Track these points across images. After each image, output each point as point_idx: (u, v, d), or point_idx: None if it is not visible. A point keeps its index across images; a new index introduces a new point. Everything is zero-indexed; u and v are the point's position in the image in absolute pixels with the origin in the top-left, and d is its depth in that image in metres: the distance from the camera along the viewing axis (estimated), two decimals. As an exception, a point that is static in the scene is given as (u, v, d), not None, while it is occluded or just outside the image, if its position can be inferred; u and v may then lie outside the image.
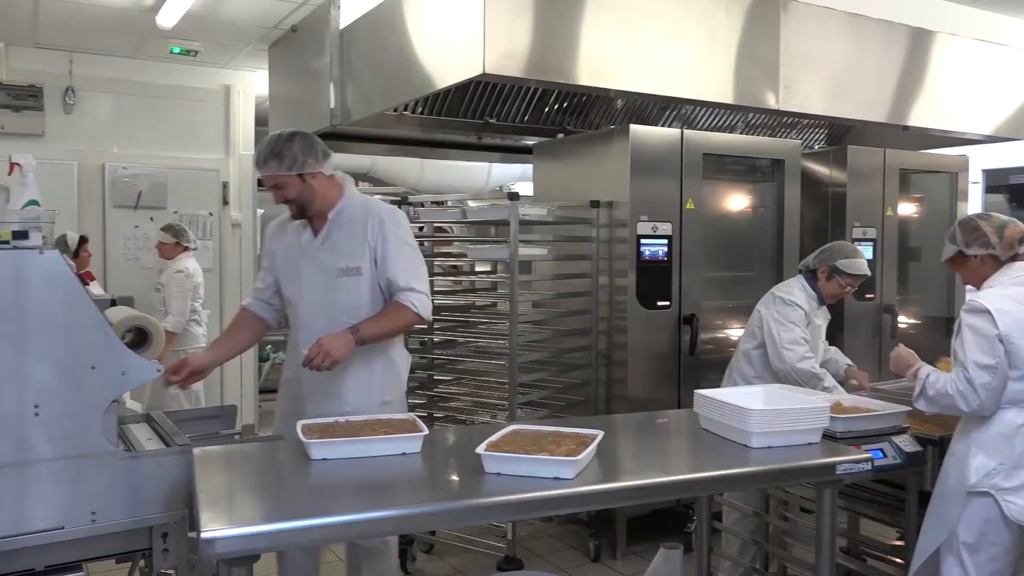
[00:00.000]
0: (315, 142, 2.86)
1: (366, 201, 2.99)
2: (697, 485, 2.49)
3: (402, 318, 2.87)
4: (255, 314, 3.08)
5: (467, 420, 4.31)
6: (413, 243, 2.97)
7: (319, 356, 2.68)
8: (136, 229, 6.45)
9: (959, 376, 2.55)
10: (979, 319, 2.56)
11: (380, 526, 2.03)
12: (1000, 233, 2.71)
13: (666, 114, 5.03)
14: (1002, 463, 2.54)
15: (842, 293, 3.73)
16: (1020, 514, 2.51)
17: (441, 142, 5.67)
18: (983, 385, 2.51)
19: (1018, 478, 2.52)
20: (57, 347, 2.18)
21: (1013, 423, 2.55)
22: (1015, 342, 2.52)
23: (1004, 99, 5.57)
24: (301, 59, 5.34)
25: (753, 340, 3.75)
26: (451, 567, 4.17)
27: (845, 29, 4.79)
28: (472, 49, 3.62)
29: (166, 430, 2.61)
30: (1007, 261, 2.72)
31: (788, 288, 3.74)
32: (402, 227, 2.93)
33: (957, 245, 2.79)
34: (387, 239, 2.88)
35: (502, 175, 9.24)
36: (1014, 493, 2.52)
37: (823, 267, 3.70)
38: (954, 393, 2.54)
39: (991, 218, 2.79)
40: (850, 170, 5.13)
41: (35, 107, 6.11)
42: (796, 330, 3.58)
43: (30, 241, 2.19)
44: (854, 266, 3.67)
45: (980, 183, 7.29)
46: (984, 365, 2.51)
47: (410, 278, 2.89)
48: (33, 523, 2.15)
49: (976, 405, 2.52)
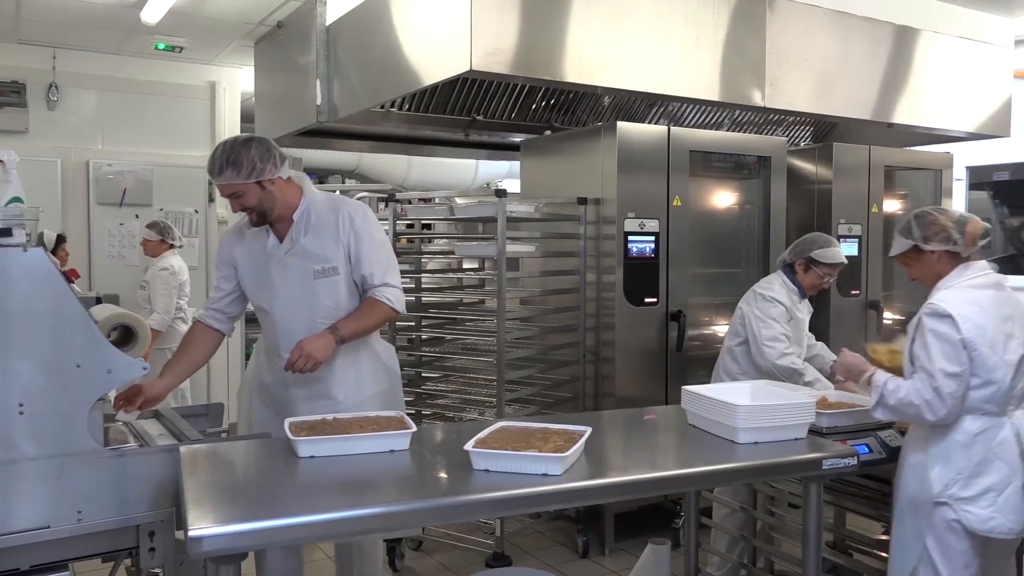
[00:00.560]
0: (271, 147, 2.79)
1: (330, 199, 2.96)
2: (684, 481, 2.50)
3: (379, 314, 2.88)
4: (208, 326, 3.00)
5: (455, 417, 4.31)
6: (383, 237, 2.98)
7: (301, 359, 2.67)
8: (121, 227, 6.41)
9: (925, 385, 2.46)
10: (942, 324, 2.48)
11: (368, 523, 2.02)
12: (962, 228, 2.61)
13: (653, 111, 5.04)
14: (959, 473, 2.49)
15: (822, 284, 3.75)
16: (978, 523, 2.48)
17: (428, 139, 5.66)
18: (950, 394, 2.44)
19: (975, 487, 2.49)
20: (42, 345, 2.17)
21: (970, 432, 2.50)
22: (978, 349, 2.46)
23: (987, 97, 5.61)
24: (287, 55, 5.31)
25: (736, 337, 3.78)
26: (440, 564, 4.17)
27: (830, 26, 4.81)
28: (459, 46, 3.61)
29: (179, 427, 2.65)
30: (966, 259, 2.64)
31: (768, 284, 3.77)
32: (371, 222, 2.92)
33: (913, 240, 2.67)
34: (360, 236, 2.86)
35: (489, 172, 9.24)
36: (971, 502, 2.48)
37: (799, 259, 3.73)
38: (920, 403, 2.46)
39: (947, 212, 2.68)
40: (835, 167, 5.16)
41: (18, 103, 6.05)
42: (776, 326, 3.61)
43: (14, 238, 2.18)
44: (829, 255, 3.69)
45: (964, 180, 7.35)
46: (951, 373, 2.44)
47: (384, 274, 2.89)
48: (18, 522, 2.14)
49: (943, 415, 2.46)
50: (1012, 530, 2.51)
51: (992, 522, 2.48)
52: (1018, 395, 2.55)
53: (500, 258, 3.89)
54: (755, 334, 3.62)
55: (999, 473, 2.49)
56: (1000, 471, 2.49)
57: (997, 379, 2.48)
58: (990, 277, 2.63)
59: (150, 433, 2.64)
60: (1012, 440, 2.51)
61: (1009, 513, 2.49)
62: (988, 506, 2.48)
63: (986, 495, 2.48)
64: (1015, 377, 2.51)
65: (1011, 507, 2.49)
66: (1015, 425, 2.52)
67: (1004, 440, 2.50)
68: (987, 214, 7.78)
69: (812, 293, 3.81)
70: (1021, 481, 2.51)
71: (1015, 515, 2.50)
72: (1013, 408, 2.55)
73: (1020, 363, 2.52)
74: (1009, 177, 7.49)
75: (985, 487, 2.49)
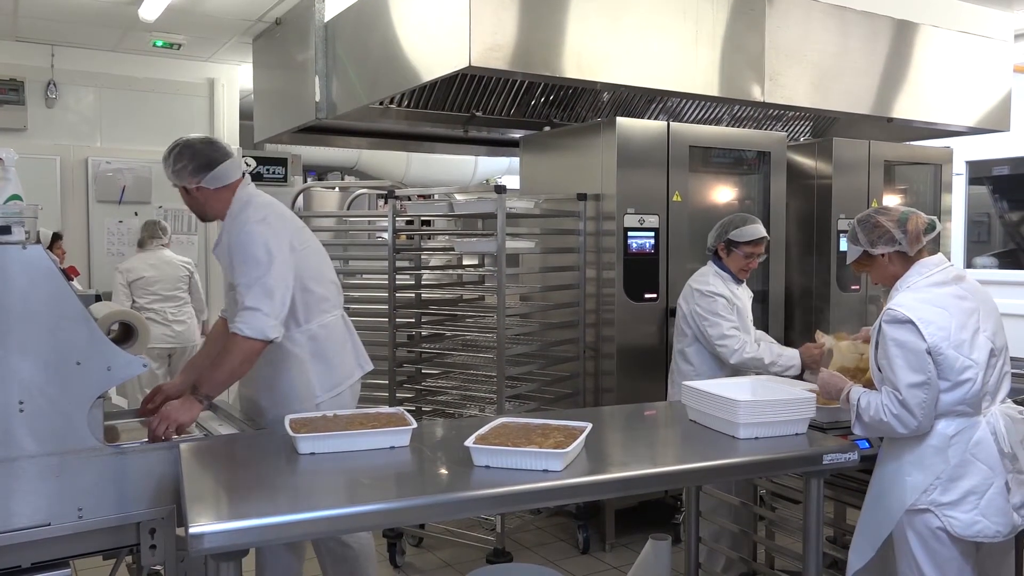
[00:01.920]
0: (194, 156, 2.73)
1: (243, 205, 2.78)
2: (685, 476, 2.50)
3: (238, 352, 2.59)
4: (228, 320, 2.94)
5: (455, 413, 4.31)
6: (258, 244, 2.66)
7: (161, 425, 2.51)
8: (120, 224, 6.41)
9: (891, 400, 2.39)
10: (903, 332, 2.39)
11: (369, 520, 2.03)
12: (903, 227, 2.53)
13: (652, 107, 5.03)
14: (938, 478, 2.41)
15: (748, 264, 3.65)
16: (963, 528, 2.39)
17: (427, 135, 5.65)
18: (918, 404, 2.36)
19: (955, 491, 2.40)
20: (41, 343, 2.17)
21: (944, 435, 2.42)
22: (944, 352, 2.37)
23: (987, 91, 5.61)
24: (286, 52, 5.31)
25: (684, 338, 3.68)
26: (440, 560, 4.18)
27: (830, 21, 4.81)
28: (458, 42, 3.61)
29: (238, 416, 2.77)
30: (916, 256, 2.55)
31: (703, 277, 3.66)
32: (247, 226, 2.69)
33: (861, 246, 2.60)
34: (232, 245, 2.71)
35: (488, 168, 9.24)
36: (953, 507, 2.40)
37: (719, 244, 3.67)
38: (889, 419, 2.39)
39: (889, 211, 2.60)
40: (835, 162, 5.15)
41: (16, 101, 6.06)
42: (722, 323, 3.52)
43: (13, 236, 2.18)
44: (745, 233, 3.61)
45: (964, 175, 7.35)
46: (916, 384, 2.36)
47: (246, 293, 2.61)
48: (19, 520, 2.14)
49: (915, 426, 2.38)
50: (999, 532, 2.41)
51: (977, 526, 2.39)
52: (992, 390, 2.46)
53: (500, 254, 3.89)
54: (706, 336, 3.55)
55: (979, 475, 2.40)
56: (980, 472, 2.41)
57: (967, 379, 2.39)
58: (948, 272, 2.54)
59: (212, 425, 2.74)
60: (989, 440, 2.42)
61: (994, 516, 2.40)
62: (971, 510, 2.39)
63: (968, 499, 2.40)
64: (987, 372, 2.42)
65: (995, 509, 2.40)
66: (991, 424, 2.43)
67: (981, 440, 2.42)
68: (987, 209, 7.78)
69: (744, 277, 3.70)
70: (1003, 481, 2.41)
71: (1000, 517, 2.40)
72: (988, 404, 2.46)
73: (990, 358, 2.44)
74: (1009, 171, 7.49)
75: (966, 490, 2.40)
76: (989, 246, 7.69)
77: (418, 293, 4.58)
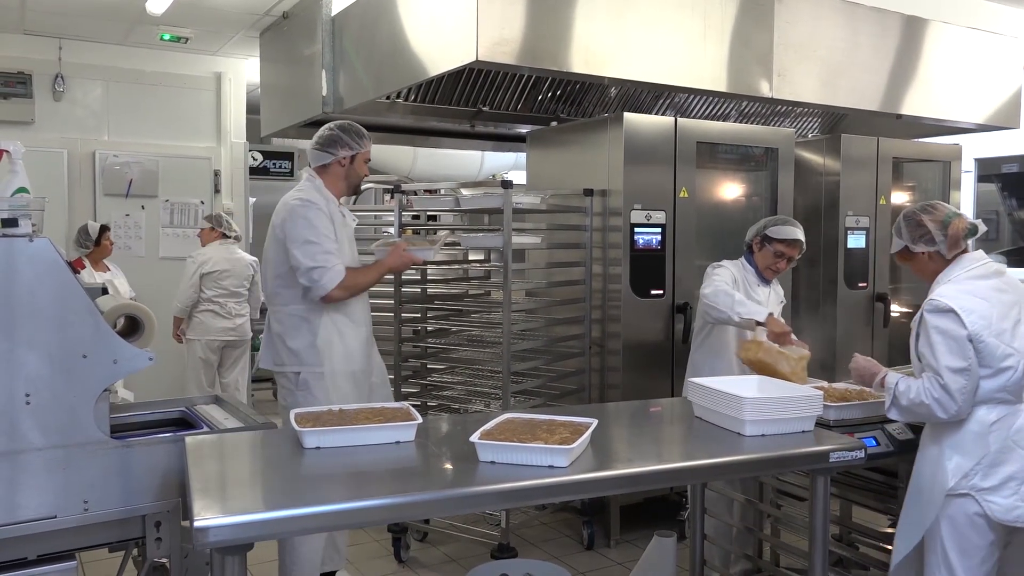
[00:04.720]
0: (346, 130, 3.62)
1: None
2: (690, 473, 2.49)
3: None
4: None
5: (461, 409, 4.31)
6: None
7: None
8: (127, 217, 6.42)
9: (932, 384, 2.46)
10: (945, 320, 2.47)
11: (374, 514, 2.02)
12: (944, 230, 2.60)
13: (660, 102, 5.02)
14: (979, 463, 2.48)
15: (777, 263, 3.65)
16: (1003, 513, 2.46)
17: (434, 130, 5.65)
18: (959, 390, 2.43)
19: (996, 476, 2.47)
20: (48, 336, 2.17)
21: (985, 421, 2.49)
22: (985, 340, 2.45)
23: (996, 88, 5.57)
24: (292, 46, 5.30)
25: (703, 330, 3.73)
26: (445, 555, 4.18)
27: (839, 17, 4.78)
28: (465, 36, 3.59)
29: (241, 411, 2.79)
30: (955, 257, 2.62)
31: (718, 263, 3.70)
32: None
33: (904, 240, 2.69)
34: None
35: (495, 163, 9.23)
36: (994, 492, 2.47)
37: (756, 237, 3.68)
38: (930, 402, 2.46)
39: (935, 211, 2.65)
40: (843, 159, 5.13)
41: (24, 94, 6.07)
42: (717, 282, 3.50)
43: (20, 229, 2.18)
44: (783, 231, 3.62)
45: (973, 172, 7.32)
46: (958, 369, 2.44)
47: None
48: (25, 512, 2.15)
49: (955, 411, 2.45)
50: None
51: (1017, 511, 2.46)
52: None
53: (506, 250, 3.88)
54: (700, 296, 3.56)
55: (1020, 461, 2.48)
56: (1021, 459, 2.48)
57: (1009, 367, 2.47)
58: (989, 267, 2.61)
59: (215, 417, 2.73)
60: None
61: None
62: (1011, 495, 2.46)
63: (1008, 484, 2.47)
64: None
65: None
66: None
67: (1022, 428, 2.49)
68: (995, 206, 7.75)
69: (770, 277, 3.71)
70: None
71: None
72: None
73: None
74: (1018, 169, 7.46)
75: (1007, 476, 2.47)
76: (998, 244, 7.66)
77: (424, 288, 4.58)
